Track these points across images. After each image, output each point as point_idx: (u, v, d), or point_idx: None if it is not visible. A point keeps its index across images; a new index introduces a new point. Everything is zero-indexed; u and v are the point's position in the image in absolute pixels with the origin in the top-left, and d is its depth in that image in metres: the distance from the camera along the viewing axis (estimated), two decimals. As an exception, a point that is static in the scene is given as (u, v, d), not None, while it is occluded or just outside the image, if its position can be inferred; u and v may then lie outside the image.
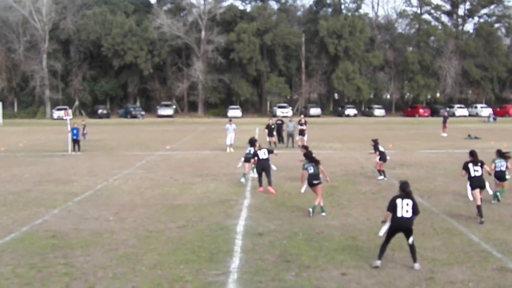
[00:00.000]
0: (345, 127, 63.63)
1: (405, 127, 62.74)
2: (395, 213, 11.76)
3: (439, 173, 25.44)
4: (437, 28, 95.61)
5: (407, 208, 11.75)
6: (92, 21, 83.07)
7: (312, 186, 16.79)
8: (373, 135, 32.73)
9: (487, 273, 11.48)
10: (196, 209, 17.60)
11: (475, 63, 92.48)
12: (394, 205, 11.82)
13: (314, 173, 16.73)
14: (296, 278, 11.08)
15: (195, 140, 44.73)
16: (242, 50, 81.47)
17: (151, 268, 11.71)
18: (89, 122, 72.33)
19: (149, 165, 28.72)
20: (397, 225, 11.80)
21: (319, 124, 66.03)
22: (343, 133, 51.47)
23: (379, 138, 26.32)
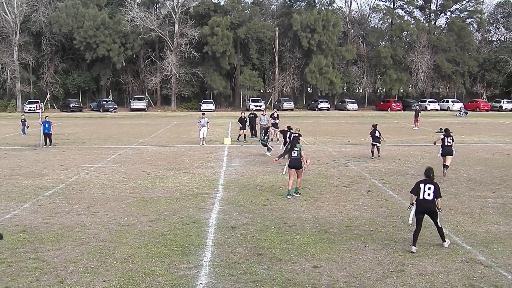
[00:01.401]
0: (318, 120, 63.82)
1: (377, 121, 62.88)
2: (418, 196, 12.90)
3: (410, 166, 25.66)
4: (409, 22, 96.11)
5: (429, 192, 12.84)
6: (64, 14, 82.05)
7: (294, 169, 18.47)
8: (346, 129, 32.93)
9: (456, 265, 11.63)
10: (168, 203, 17.56)
11: (447, 57, 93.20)
12: (418, 188, 12.94)
13: (297, 157, 18.33)
14: (267, 271, 11.12)
15: (168, 133, 44.56)
16: (216, 43, 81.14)
17: (122, 262, 11.67)
18: (61, 116, 71.78)
19: (121, 159, 28.56)
20: (420, 207, 12.87)
21: (292, 118, 66.08)
22: (316, 127, 51.60)
23: (351, 131, 26.45)
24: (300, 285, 10.35)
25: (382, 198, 18.40)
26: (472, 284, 10.48)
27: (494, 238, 13.59)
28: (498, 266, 11.51)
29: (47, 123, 35.14)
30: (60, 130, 45.38)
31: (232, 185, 20.74)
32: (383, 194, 19.13)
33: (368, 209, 16.80)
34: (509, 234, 14.02)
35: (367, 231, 14.16)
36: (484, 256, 12.18)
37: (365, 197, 18.53)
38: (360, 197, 18.56)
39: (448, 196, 18.57)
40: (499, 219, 15.51)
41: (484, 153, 30.72)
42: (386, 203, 17.70)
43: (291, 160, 18.64)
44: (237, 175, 23.24)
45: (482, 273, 11.13)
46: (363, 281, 10.63)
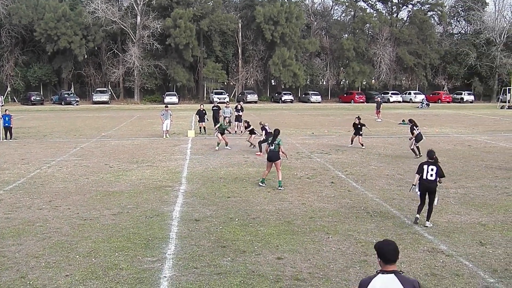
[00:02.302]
0: (282, 113, 63.95)
1: (341, 113, 63.50)
2: (422, 176, 14.05)
3: (373, 158, 25.88)
4: (372, 15, 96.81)
5: (432, 173, 13.98)
6: (24, 5, 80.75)
7: (272, 161, 18.84)
8: (309, 121, 33.06)
9: (419, 254, 11.78)
10: (132, 196, 17.45)
11: (409, 50, 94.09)
12: (422, 169, 14.10)
13: (275, 149, 18.70)
14: (231, 263, 11.13)
15: (131, 126, 44.26)
16: (179, 35, 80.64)
17: (85, 256, 11.57)
18: (22, 109, 70.76)
19: (83, 152, 28.27)
20: (423, 186, 14.06)
21: (256, 110, 66.16)
22: (279, 119, 51.68)
23: (314, 123, 26.66)
24: (263, 277, 10.38)
25: (345, 189, 18.53)
26: (433, 273, 10.63)
27: (455, 228, 13.80)
28: (459, 255, 11.69)
29: (7, 116, 34.62)
30: (21, 124, 44.73)
31: (196, 178, 20.69)
32: (346, 186, 19.26)
33: (331, 200, 16.90)
34: (469, 223, 14.25)
35: (330, 222, 14.26)
36: (445, 246, 12.36)
37: (328, 189, 18.64)
38: (324, 189, 18.66)
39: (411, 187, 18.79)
40: (460, 209, 15.74)
41: (446, 144, 31.13)
42: (349, 194, 17.84)
43: (269, 153, 18.89)
44: (200, 167, 23.19)
45: (443, 262, 11.30)
46: (326, 271, 10.70)
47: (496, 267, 11.02)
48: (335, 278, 10.38)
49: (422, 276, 10.48)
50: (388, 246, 5.81)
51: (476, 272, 10.75)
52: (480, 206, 16.13)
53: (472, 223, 14.27)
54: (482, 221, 14.46)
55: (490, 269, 10.89)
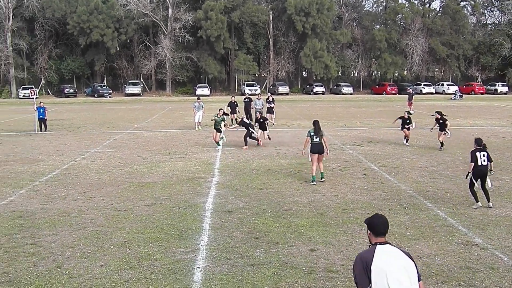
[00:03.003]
0: (313, 104, 63.78)
1: (373, 105, 63.12)
2: (477, 163, 14.77)
3: (405, 150, 25.68)
4: (404, 6, 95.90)
5: (484, 158, 14.83)
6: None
7: (317, 154, 18.21)
8: (341, 113, 32.93)
9: (453, 247, 11.66)
10: (165, 187, 17.57)
11: (441, 41, 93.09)
12: (475, 157, 14.80)
13: (319, 142, 18.20)
14: (264, 255, 11.14)
15: (163, 118, 44.51)
16: (210, 27, 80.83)
17: (119, 247, 11.68)
18: (56, 101, 71.56)
19: (116, 144, 28.53)
20: (479, 172, 14.77)
21: (287, 102, 66.11)
22: (311, 111, 51.59)
23: (346, 115, 26.52)
24: (297, 268, 10.38)
25: (378, 181, 18.43)
26: (468, 266, 10.52)
27: (490, 221, 13.64)
28: (494, 248, 11.56)
29: (41, 108, 35.09)
30: (55, 116, 45.26)
31: (228, 169, 20.75)
32: (379, 177, 19.16)
33: (364, 192, 16.83)
34: (504, 216, 14.08)
35: (363, 214, 14.18)
36: (480, 239, 12.23)
37: (361, 181, 18.55)
38: (356, 181, 18.58)
39: (444, 179, 18.62)
40: (495, 202, 15.54)
41: (480, 136, 30.71)
42: (382, 186, 17.73)
43: (313, 145, 18.29)
44: (233, 159, 23.25)
45: (478, 255, 11.18)
46: (360, 263, 10.65)
47: (533, 260, 10.89)
48: (368, 270, 10.33)
49: (456, 269, 10.39)
50: (379, 219, 6.00)
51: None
52: (515, 198, 15.93)
53: (507, 216, 14.09)
54: (517, 214, 14.29)
55: (526, 263, 10.76)
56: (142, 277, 10.02)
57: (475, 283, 9.73)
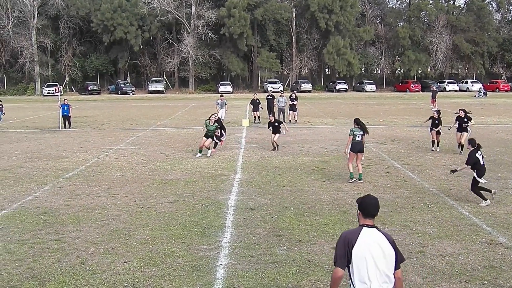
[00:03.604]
0: (336, 102, 63.60)
1: (396, 102, 62.80)
2: (479, 163, 14.98)
3: (429, 148, 25.49)
4: (428, 2, 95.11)
5: (481, 158, 15.09)
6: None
7: (358, 153, 18.05)
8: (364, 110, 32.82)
9: (477, 246, 11.57)
10: (188, 184, 17.62)
11: (465, 38, 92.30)
12: (476, 158, 14.91)
13: (360, 141, 17.95)
14: (287, 252, 11.14)
15: (186, 115, 44.64)
16: (233, 25, 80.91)
17: (142, 243, 11.74)
18: (80, 98, 72.09)
19: (140, 141, 28.68)
20: (483, 171, 15.07)
21: (310, 99, 65.99)
22: (334, 108, 51.47)
23: (369, 113, 26.39)
24: (319, 266, 10.36)
25: (401, 180, 18.33)
26: (492, 266, 10.43)
27: (515, 219, 13.52)
28: (518, 247, 11.46)
29: (66, 106, 35.40)
30: (79, 113, 45.61)
31: (251, 167, 20.76)
32: (402, 175, 19.06)
33: (387, 190, 16.75)
34: (530, 215, 13.94)
35: (386, 212, 14.13)
36: (504, 238, 12.11)
37: (384, 178, 18.47)
38: (379, 178, 18.50)
39: (468, 177, 18.44)
40: (520, 201, 15.42)
41: (504, 134, 30.50)
42: (405, 184, 17.64)
43: (354, 144, 17.96)
44: (255, 156, 23.26)
45: (502, 254, 11.08)
46: (382, 262, 10.61)
47: (558, 260, 10.76)
48: (391, 269, 10.28)
49: (480, 268, 10.31)
50: (370, 200, 6.06)
51: (537, 265, 10.52)
52: (541, 197, 15.77)
53: (533, 215, 13.95)
54: (543, 213, 14.13)
55: (552, 262, 10.64)
56: (165, 273, 10.06)
57: (500, 283, 9.65)
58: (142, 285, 9.59)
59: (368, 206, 6.01)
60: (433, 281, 9.75)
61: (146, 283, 9.64)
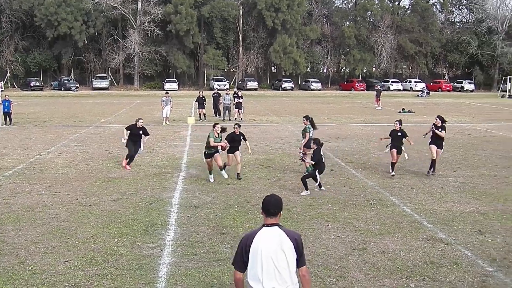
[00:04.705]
0: (282, 100, 63.86)
1: (341, 101, 63.45)
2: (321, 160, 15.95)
3: (373, 146, 25.83)
4: (373, 3, 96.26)
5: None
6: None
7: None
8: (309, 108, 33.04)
9: (418, 242, 11.78)
10: (131, 182, 17.45)
11: (410, 38, 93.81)
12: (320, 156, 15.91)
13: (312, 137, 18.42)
14: (231, 250, 11.11)
15: (131, 113, 44.16)
16: (179, 22, 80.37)
17: (84, 242, 11.57)
18: (22, 95, 70.63)
19: (83, 138, 28.25)
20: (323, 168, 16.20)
21: (256, 97, 66.13)
22: (279, 107, 51.69)
23: (315, 111, 26.53)
24: (263, 264, 10.36)
25: (345, 177, 18.53)
26: (432, 261, 10.63)
27: (455, 216, 13.79)
28: (458, 244, 11.70)
29: (7, 102, 34.61)
30: (21, 109, 44.65)
31: (195, 165, 20.69)
32: (346, 173, 19.26)
33: (331, 188, 16.90)
34: (469, 212, 14.25)
35: (329, 209, 14.25)
36: (444, 234, 12.36)
37: (328, 176, 18.61)
38: (323, 176, 18.58)
39: (410, 175, 18.80)
40: (460, 198, 15.74)
41: (446, 133, 31.02)
42: (349, 182, 17.84)
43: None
44: (200, 154, 23.10)
45: (442, 250, 11.30)
46: (325, 259, 10.71)
47: (495, 256, 11.03)
48: (334, 266, 10.39)
49: (421, 264, 10.49)
50: (271, 199, 6.12)
51: (475, 260, 10.76)
52: (480, 195, 16.12)
53: (471, 212, 14.27)
54: (481, 210, 14.46)
55: (489, 258, 10.89)
56: (107, 272, 9.94)
57: (439, 278, 9.84)
58: (83, 284, 9.46)
59: (267, 205, 6.03)
60: (375, 277, 9.88)
61: (87, 283, 9.51)
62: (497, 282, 9.74)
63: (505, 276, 9.99)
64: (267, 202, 6.03)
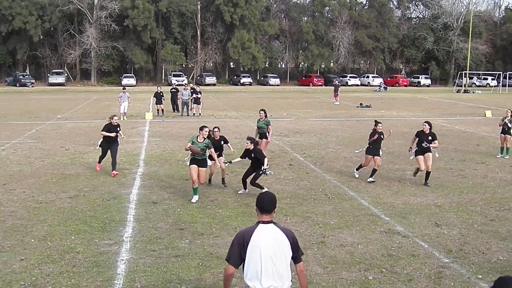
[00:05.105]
0: (240, 95, 63.84)
1: (299, 96, 63.70)
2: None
3: (331, 141, 26.02)
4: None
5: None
6: (-23, -16, 79.15)
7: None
8: (268, 104, 33.12)
9: (375, 235, 11.90)
10: (88, 179, 17.26)
11: (367, 33, 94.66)
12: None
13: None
14: (189, 246, 11.09)
15: (88, 108, 43.68)
16: (137, 17, 79.70)
17: (40, 240, 11.41)
18: (-25, 90, 69.25)
19: (39, 135, 27.83)
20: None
21: (214, 93, 65.98)
22: (238, 102, 51.66)
23: (273, 106, 26.57)
24: (222, 259, 10.31)
25: (304, 172, 18.61)
26: (390, 254, 10.75)
27: (412, 209, 13.98)
28: (415, 236, 11.85)
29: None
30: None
31: (153, 160, 20.57)
32: (305, 168, 19.35)
33: (289, 182, 16.96)
34: (425, 205, 14.45)
35: (288, 204, 14.30)
36: (402, 227, 12.51)
37: (286, 171, 18.69)
38: (282, 171, 18.71)
39: (368, 169, 18.94)
40: (416, 191, 15.95)
41: (403, 127, 31.45)
42: (307, 176, 17.92)
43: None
44: (158, 150, 23.05)
45: (399, 243, 11.43)
46: (284, 253, 10.72)
47: (451, 247, 11.20)
48: (293, 260, 10.41)
49: (378, 256, 10.60)
50: (265, 196, 6.17)
51: (432, 252, 10.92)
52: (436, 188, 16.35)
53: (428, 205, 14.47)
54: (437, 203, 14.68)
55: (445, 250, 11.06)
56: (64, 270, 9.81)
57: (397, 270, 9.96)
58: (40, 283, 9.32)
59: (263, 202, 6.04)
60: (334, 270, 9.95)
61: (44, 281, 9.37)
62: (453, 273, 9.89)
63: (461, 267, 10.16)
64: (262, 200, 6.05)
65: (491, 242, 11.56)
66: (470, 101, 57.47)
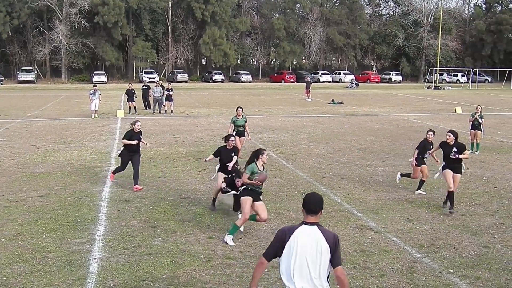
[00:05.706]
0: (212, 92, 63.75)
1: (271, 93, 63.78)
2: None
3: (303, 137, 26.09)
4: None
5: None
6: None
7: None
8: (240, 101, 33.11)
9: (348, 231, 11.96)
10: (59, 177, 17.09)
11: (338, 30, 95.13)
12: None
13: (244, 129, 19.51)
14: (162, 243, 11.05)
15: (58, 106, 43.27)
16: (107, 13, 79.16)
17: (11, 239, 11.27)
18: None
19: (8, 133, 27.50)
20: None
21: (186, 90, 65.78)
22: (210, 99, 51.56)
23: (245, 103, 26.57)
24: (195, 256, 10.34)
25: (276, 168, 18.62)
26: (363, 249, 10.81)
27: (384, 205, 14.07)
28: (387, 232, 11.93)
29: None
30: None
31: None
32: (277, 164, 19.37)
33: (262, 179, 16.94)
34: (397, 201, 14.56)
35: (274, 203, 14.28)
36: (374, 223, 12.59)
37: (259, 168, 18.68)
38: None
39: (340, 165, 19.05)
40: (388, 187, 16.06)
41: (375, 124, 31.66)
42: (280, 173, 17.94)
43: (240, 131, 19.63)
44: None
45: (372, 238, 11.51)
46: (257, 250, 10.75)
47: (423, 242, 11.30)
48: (266, 256, 10.42)
49: (351, 252, 10.65)
50: (312, 197, 6.04)
51: (404, 247, 11.00)
52: (408, 183, 16.46)
53: (400, 200, 14.59)
54: (409, 198, 14.80)
55: (417, 245, 11.16)
56: (35, 270, 9.70)
57: (369, 266, 10.02)
58: (11, 283, 9.20)
59: (307, 203, 5.96)
60: (306, 267, 9.95)
61: (15, 281, 9.26)
62: (425, 267, 9.99)
63: (433, 262, 10.26)
64: (308, 201, 5.97)
65: (462, 237, 11.70)
66: (440, 97, 58.08)
